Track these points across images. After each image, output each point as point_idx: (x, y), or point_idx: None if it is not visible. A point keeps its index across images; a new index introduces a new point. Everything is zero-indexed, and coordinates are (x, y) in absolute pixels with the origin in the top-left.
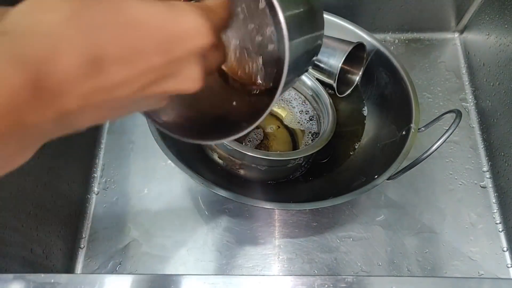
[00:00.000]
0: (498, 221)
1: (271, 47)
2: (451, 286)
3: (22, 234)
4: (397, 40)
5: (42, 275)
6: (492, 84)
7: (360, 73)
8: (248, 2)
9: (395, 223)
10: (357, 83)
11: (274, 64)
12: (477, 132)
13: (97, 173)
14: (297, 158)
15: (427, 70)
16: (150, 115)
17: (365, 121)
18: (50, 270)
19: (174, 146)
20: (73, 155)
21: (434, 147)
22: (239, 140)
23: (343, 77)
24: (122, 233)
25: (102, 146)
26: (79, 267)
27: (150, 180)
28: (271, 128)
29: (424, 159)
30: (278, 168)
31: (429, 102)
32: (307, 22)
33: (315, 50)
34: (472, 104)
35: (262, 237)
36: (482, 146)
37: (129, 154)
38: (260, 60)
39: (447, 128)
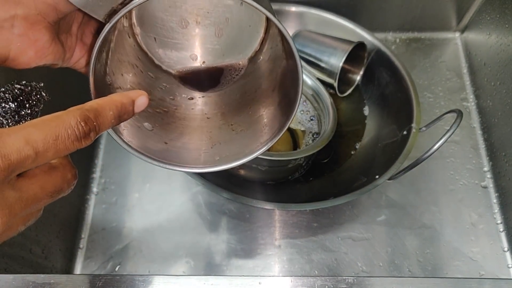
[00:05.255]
0: (499, 221)
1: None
2: (452, 286)
3: (21, 234)
4: (398, 40)
5: (42, 275)
6: (493, 84)
7: (361, 72)
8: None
9: (396, 223)
10: (358, 82)
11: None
12: (478, 132)
13: (96, 174)
14: (297, 158)
15: (428, 70)
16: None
17: (366, 121)
18: (49, 270)
19: None
20: (72, 155)
21: (435, 147)
22: None
23: (343, 77)
24: (121, 234)
25: (102, 146)
26: (78, 267)
27: (149, 181)
28: None
29: (425, 159)
30: (279, 168)
31: (430, 101)
32: None
33: None
34: (473, 104)
35: (262, 237)
36: (483, 146)
37: (128, 155)
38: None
39: (448, 128)
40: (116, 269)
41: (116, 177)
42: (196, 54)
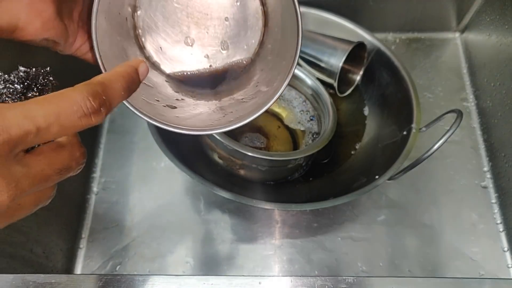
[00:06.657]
0: (498, 221)
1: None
2: (452, 286)
3: (22, 234)
4: (398, 40)
5: (42, 275)
6: (493, 84)
7: (361, 72)
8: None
9: (396, 224)
10: (357, 82)
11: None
12: (478, 132)
13: (97, 173)
14: (297, 158)
15: (428, 70)
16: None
17: (366, 121)
18: (50, 270)
19: (174, 147)
20: None
21: (435, 147)
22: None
23: (343, 77)
24: (122, 234)
25: (102, 146)
26: (79, 267)
27: (150, 180)
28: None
29: (425, 159)
30: (279, 169)
31: (430, 102)
32: None
33: None
34: (473, 104)
35: (262, 237)
36: (483, 146)
37: (128, 154)
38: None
39: (448, 128)
40: (117, 269)
41: (116, 177)
42: (200, 58)
